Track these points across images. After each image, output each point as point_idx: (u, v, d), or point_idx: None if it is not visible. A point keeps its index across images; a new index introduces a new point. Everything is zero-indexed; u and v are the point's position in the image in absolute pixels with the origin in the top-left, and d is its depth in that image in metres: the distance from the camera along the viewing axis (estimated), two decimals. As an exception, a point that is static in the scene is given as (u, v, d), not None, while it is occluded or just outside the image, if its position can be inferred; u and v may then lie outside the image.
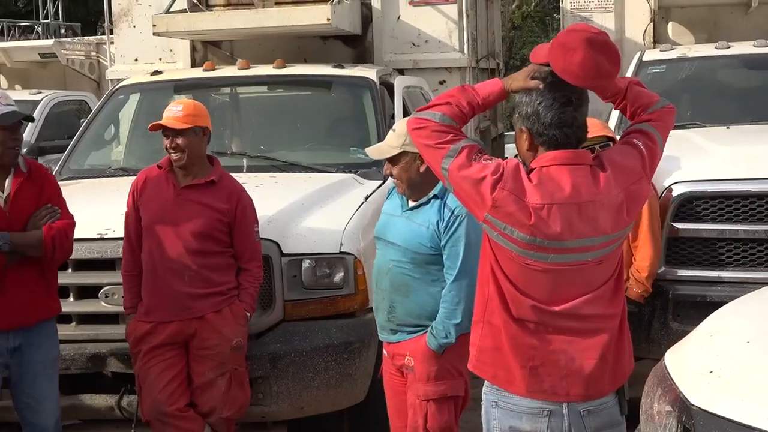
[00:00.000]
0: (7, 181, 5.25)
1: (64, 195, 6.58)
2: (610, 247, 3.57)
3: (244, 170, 6.60)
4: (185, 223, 5.28)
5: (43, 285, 5.35)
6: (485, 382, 3.73)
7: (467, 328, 4.29)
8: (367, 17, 9.55)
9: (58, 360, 5.55)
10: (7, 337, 5.28)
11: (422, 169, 4.61)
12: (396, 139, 4.74)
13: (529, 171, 3.51)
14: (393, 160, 4.76)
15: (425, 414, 4.75)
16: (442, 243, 4.70)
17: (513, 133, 3.78)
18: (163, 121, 5.27)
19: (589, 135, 4.42)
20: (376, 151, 4.92)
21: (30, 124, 13.52)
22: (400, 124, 4.83)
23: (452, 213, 4.67)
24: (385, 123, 7.08)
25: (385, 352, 5.06)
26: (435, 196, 4.77)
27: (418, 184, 4.75)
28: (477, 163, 3.47)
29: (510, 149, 16.36)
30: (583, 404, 3.56)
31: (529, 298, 3.55)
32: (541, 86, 3.51)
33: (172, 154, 5.32)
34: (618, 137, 4.85)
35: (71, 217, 5.40)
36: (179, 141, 5.27)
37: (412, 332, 4.85)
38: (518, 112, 3.58)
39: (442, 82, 9.37)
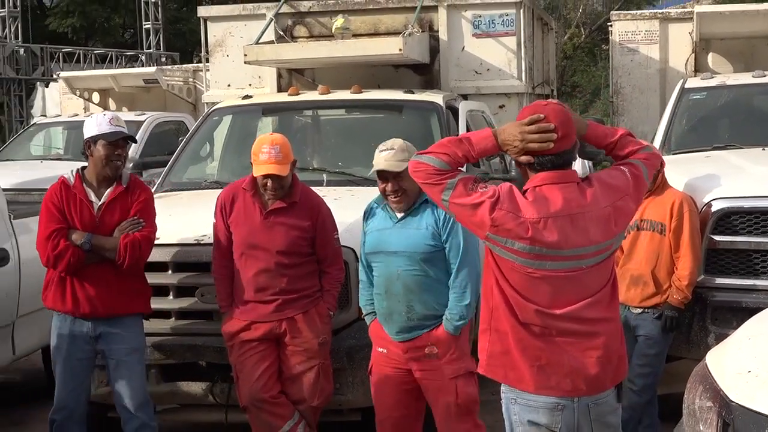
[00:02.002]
0: (107, 191, 5.39)
1: (166, 205, 6.69)
2: (602, 255, 3.70)
3: (324, 184, 6.61)
4: (274, 244, 5.30)
5: (121, 284, 5.41)
6: (503, 386, 3.83)
7: (474, 308, 4.75)
8: (434, 48, 9.53)
9: (142, 351, 5.60)
10: (90, 326, 5.42)
11: None
12: (401, 154, 4.82)
13: (524, 192, 3.66)
14: (401, 175, 4.81)
15: (455, 390, 4.95)
16: (444, 238, 4.92)
17: None
18: (270, 171, 5.23)
19: None
20: (396, 165, 4.84)
21: (138, 138, 13.85)
22: (393, 144, 4.93)
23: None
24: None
25: (383, 350, 5.09)
26: (425, 201, 4.91)
27: (415, 194, 4.88)
28: (474, 192, 3.62)
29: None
30: (589, 398, 3.69)
31: (532, 304, 3.64)
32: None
33: (269, 191, 5.33)
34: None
35: (154, 231, 5.47)
36: (279, 182, 5.30)
37: (430, 325, 4.98)
38: None
39: (501, 107, 9.32)
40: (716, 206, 6.20)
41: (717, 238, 6.19)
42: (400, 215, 5.00)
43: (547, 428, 3.71)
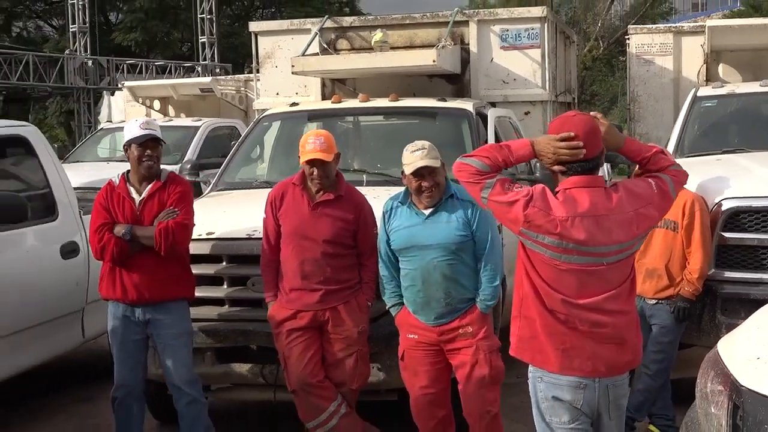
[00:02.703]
0: (147, 187, 5.48)
1: (220, 203, 6.72)
2: (623, 254, 3.80)
3: (364, 184, 6.59)
4: (320, 234, 5.32)
5: (164, 271, 5.45)
6: (531, 367, 3.95)
7: (499, 287, 5.17)
8: (465, 59, 9.51)
9: (189, 335, 5.64)
10: (140, 311, 5.49)
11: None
12: (433, 152, 4.99)
13: (555, 192, 3.78)
14: (436, 171, 4.98)
15: (490, 364, 5.11)
16: (474, 227, 5.04)
17: None
18: (316, 155, 5.27)
19: None
20: (434, 162, 4.99)
21: (192, 144, 13.96)
22: (423, 144, 5.08)
23: (471, 202, 4.94)
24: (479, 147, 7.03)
25: (413, 335, 5.19)
26: (451, 196, 5.09)
27: (442, 190, 5.06)
28: (510, 191, 3.76)
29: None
30: (608, 380, 3.80)
31: (559, 294, 3.76)
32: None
33: (315, 180, 5.34)
34: None
35: (189, 218, 5.51)
36: (324, 170, 5.32)
37: (463, 308, 5.11)
38: None
39: (527, 113, 9.28)
40: (726, 205, 6.15)
41: (727, 234, 6.14)
42: (427, 212, 5.08)
43: (570, 404, 3.80)
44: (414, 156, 4.98)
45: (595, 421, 3.89)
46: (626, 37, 11.33)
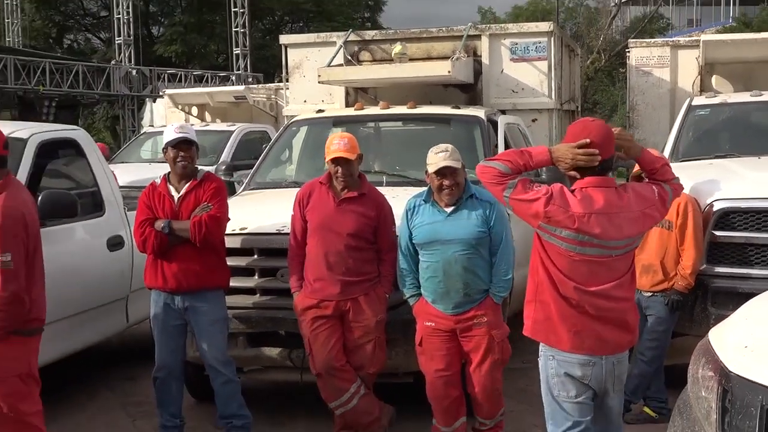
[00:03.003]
0: (185, 186, 5.54)
1: (251, 201, 6.75)
2: (629, 247, 3.96)
3: (384, 185, 6.58)
4: (344, 227, 5.33)
5: (200, 262, 5.48)
6: (542, 346, 4.07)
7: (511, 280, 5.22)
8: (477, 70, 9.51)
9: (224, 321, 5.65)
10: (179, 299, 5.54)
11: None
12: (455, 154, 5.05)
13: (572, 191, 3.89)
14: (457, 171, 5.05)
15: (501, 349, 5.22)
16: (491, 224, 5.09)
17: None
18: (340, 154, 5.28)
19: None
20: (455, 162, 5.05)
21: (226, 147, 13.99)
22: (447, 147, 5.13)
23: (489, 202, 5.04)
24: (490, 151, 7.03)
25: (430, 323, 5.22)
26: (471, 196, 5.14)
27: (462, 189, 5.11)
28: (530, 190, 3.87)
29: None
30: (613, 357, 3.95)
31: (572, 281, 3.87)
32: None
33: (340, 178, 5.34)
34: None
35: (222, 212, 5.53)
36: (347, 168, 5.33)
37: (479, 298, 5.17)
38: None
39: (534, 120, 9.28)
40: (717, 206, 6.13)
41: (718, 233, 6.12)
42: (449, 210, 5.11)
43: (580, 380, 3.93)
44: (437, 157, 5.02)
45: (602, 395, 4.01)
46: (627, 50, 11.29)
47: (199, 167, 5.73)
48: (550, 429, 4.09)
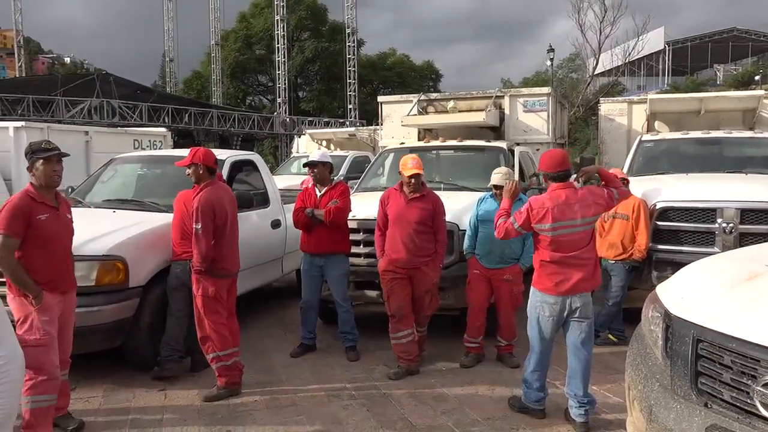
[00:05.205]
0: (324, 188, 5.58)
1: (360, 198, 6.71)
2: (586, 226, 3.93)
3: (441, 190, 6.48)
4: (412, 218, 5.13)
5: (330, 235, 5.47)
6: (533, 288, 4.07)
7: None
8: (502, 117, 9.37)
9: (345, 274, 5.58)
10: (318, 259, 5.53)
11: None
12: (507, 175, 5.12)
13: (545, 192, 4.01)
14: (499, 188, 5.11)
15: (516, 298, 5.24)
16: None
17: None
18: (416, 171, 5.08)
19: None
20: (503, 181, 4.99)
21: (343, 166, 14.09)
22: (501, 169, 5.22)
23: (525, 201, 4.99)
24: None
25: (477, 271, 5.22)
26: (519, 199, 5.04)
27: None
28: (521, 214, 4.01)
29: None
30: (580, 295, 3.98)
31: (556, 252, 3.92)
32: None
33: (413, 185, 5.13)
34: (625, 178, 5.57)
35: (345, 205, 5.49)
36: (419, 178, 5.15)
37: (510, 262, 5.18)
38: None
39: (537, 149, 9.04)
40: (659, 205, 5.92)
41: (659, 223, 5.90)
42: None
43: (556, 305, 3.99)
44: (496, 177, 5.17)
45: (568, 315, 4.01)
46: (598, 105, 10.94)
47: (333, 178, 5.80)
48: (532, 340, 4.15)
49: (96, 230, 5.03)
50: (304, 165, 5.70)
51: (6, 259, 3.62)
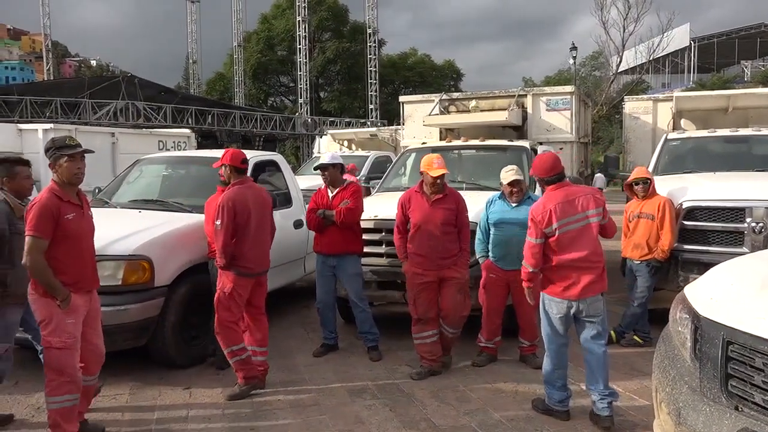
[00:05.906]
0: (336, 189, 5.56)
1: (382, 198, 6.71)
2: (589, 219, 3.97)
3: (464, 189, 6.45)
4: (436, 219, 5.03)
5: (342, 236, 5.44)
6: (541, 291, 4.13)
7: None
8: (525, 116, 9.28)
9: (359, 274, 5.53)
10: (331, 259, 5.53)
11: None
12: (518, 171, 5.06)
13: (543, 193, 4.09)
14: (519, 182, 5.04)
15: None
16: None
17: (599, 174, 4.27)
18: (442, 172, 4.97)
19: (637, 176, 4.85)
20: (518, 176, 5.03)
21: (365, 166, 14.10)
22: (512, 167, 5.11)
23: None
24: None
25: (493, 275, 5.16)
26: (528, 197, 5.10)
27: (524, 193, 5.09)
28: (530, 228, 4.06)
29: (597, 179, 15.52)
30: (588, 298, 3.96)
31: (564, 255, 3.94)
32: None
33: (438, 185, 5.01)
34: (653, 177, 5.71)
35: (357, 206, 5.45)
36: (443, 178, 5.06)
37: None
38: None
39: (560, 149, 8.97)
40: (686, 205, 5.80)
41: (686, 223, 5.79)
42: (513, 204, 5.08)
43: (563, 305, 4.02)
44: (508, 174, 5.05)
45: (578, 314, 4.02)
46: (623, 103, 10.82)
47: (346, 179, 5.76)
48: (546, 338, 4.17)
49: (122, 230, 5.09)
50: (315, 168, 5.67)
51: (36, 261, 3.51)
